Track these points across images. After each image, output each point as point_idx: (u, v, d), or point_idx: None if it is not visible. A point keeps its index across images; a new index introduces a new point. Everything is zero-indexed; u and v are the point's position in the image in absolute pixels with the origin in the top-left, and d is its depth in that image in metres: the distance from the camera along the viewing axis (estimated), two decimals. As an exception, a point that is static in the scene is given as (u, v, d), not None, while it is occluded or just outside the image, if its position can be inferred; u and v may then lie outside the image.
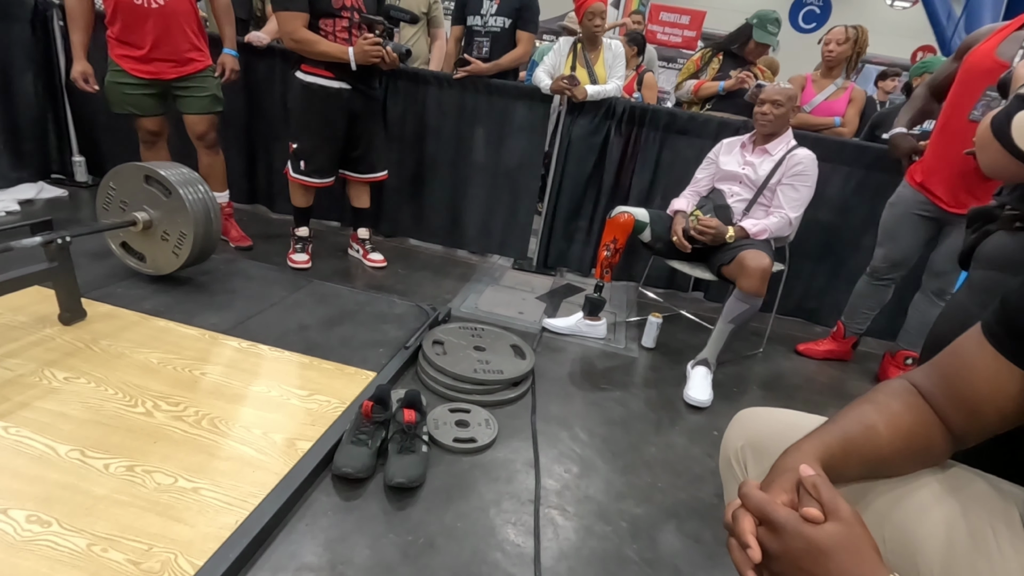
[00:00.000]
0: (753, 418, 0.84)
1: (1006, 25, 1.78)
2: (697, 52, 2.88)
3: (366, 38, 2.16)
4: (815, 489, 0.56)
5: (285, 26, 2.14)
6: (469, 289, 2.58)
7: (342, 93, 2.28)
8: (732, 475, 0.84)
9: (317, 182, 2.40)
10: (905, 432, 0.66)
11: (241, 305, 1.99)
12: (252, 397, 1.50)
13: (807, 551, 0.52)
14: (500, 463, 1.46)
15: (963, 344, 0.68)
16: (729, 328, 1.92)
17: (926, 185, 1.96)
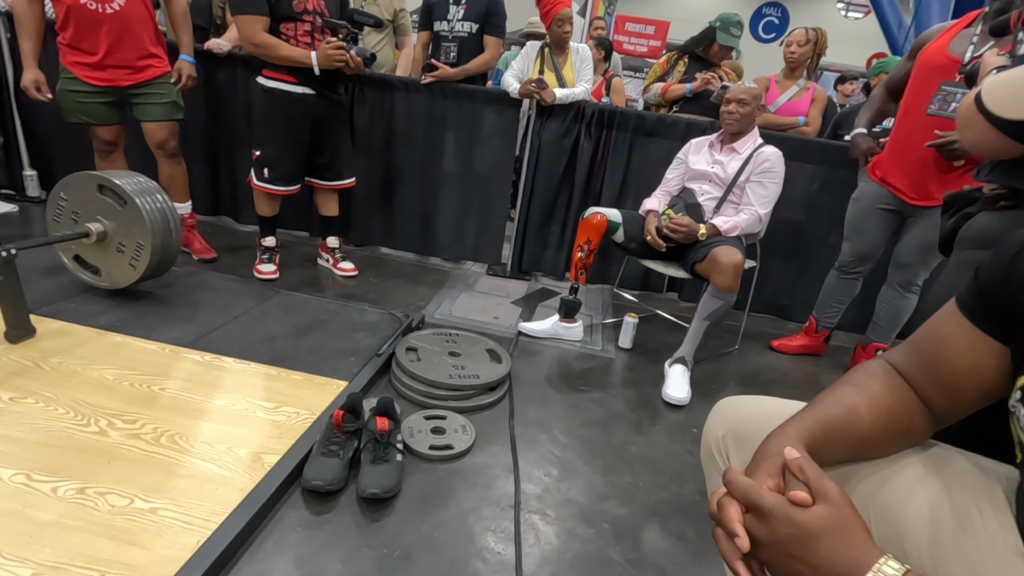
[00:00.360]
0: (733, 407, 0.82)
1: (955, 23, 1.84)
2: (663, 56, 2.92)
3: (329, 42, 2.12)
4: (801, 471, 0.54)
5: (244, 30, 2.09)
6: (443, 296, 2.53)
7: (306, 98, 2.23)
8: (714, 466, 0.82)
9: (282, 190, 2.34)
10: (886, 412, 0.65)
11: (204, 318, 1.91)
12: (215, 411, 1.42)
13: (796, 536, 0.50)
14: (478, 469, 1.41)
15: (939, 320, 0.67)
16: (704, 325, 1.92)
17: (887, 179, 2.00)
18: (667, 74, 2.87)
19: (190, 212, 2.52)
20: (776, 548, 0.51)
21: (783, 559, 0.50)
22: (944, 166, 1.82)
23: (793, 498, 0.51)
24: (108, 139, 2.32)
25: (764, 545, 0.51)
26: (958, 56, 1.75)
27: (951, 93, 1.77)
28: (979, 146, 0.86)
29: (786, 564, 0.50)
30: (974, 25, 1.77)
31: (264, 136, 2.27)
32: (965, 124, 0.88)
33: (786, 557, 0.50)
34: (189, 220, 2.53)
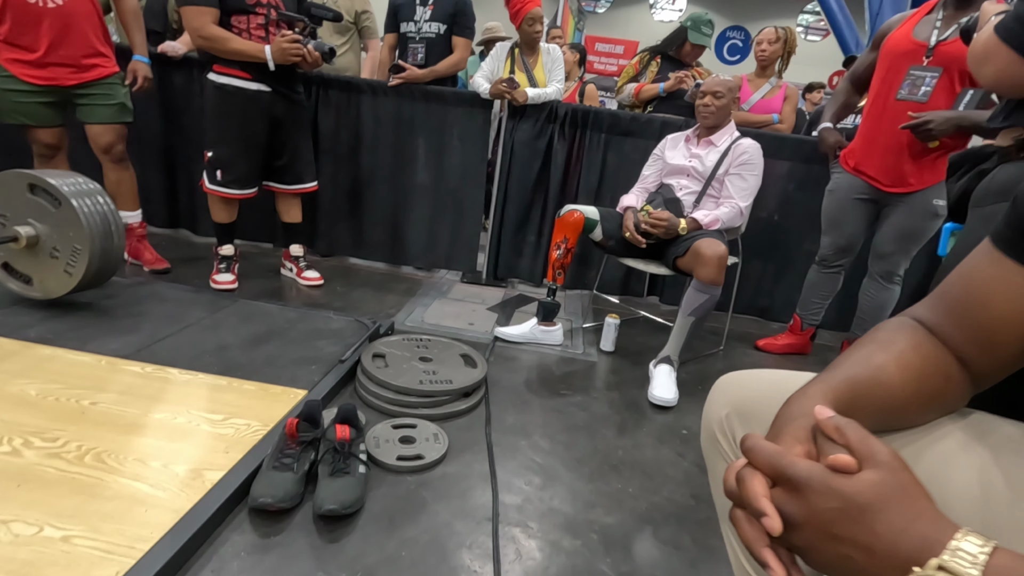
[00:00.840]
0: (737, 382, 0.71)
1: (916, 11, 1.86)
2: (635, 57, 2.89)
3: (284, 35, 2.01)
4: (839, 432, 0.43)
5: (192, 22, 1.96)
6: (415, 303, 2.40)
7: (261, 96, 2.11)
8: (717, 452, 0.71)
9: (236, 193, 2.19)
10: (917, 372, 0.55)
11: (149, 328, 1.74)
12: (152, 426, 1.26)
13: (843, 511, 0.38)
14: (451, 479, 1.28)
15: (971, 264, 0.58)
16: (690, 321, 1.83)
17: (860, 168, 1.97)
18: (640, 74, 2.84)
19: (140, 221, 2.36)
20: (815, 529, 0.39)
21: (825, 543, 0.39)
22: (918, 149, 1.80)
23: (834, 463, 0.40)
24: (49, 142, 2.16)
25: (799, 526, 0.40)
26: (923, 40, 1.76)
27: (920, 77, 1.76)
28: (1002, 80, 0.80)
29: (829, 549, 0.39)
30: (935, 12, 1.79)
31: (216, 136, 2.13)
32: (984, 59, 0.81)
33: (829, 540, 0.39)
34: (139, 229, 2.36)
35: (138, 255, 2.36)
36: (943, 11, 1.76)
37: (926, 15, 1.81)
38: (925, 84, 1.76)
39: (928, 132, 1.69)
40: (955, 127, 1.66)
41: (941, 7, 1.78)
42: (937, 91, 1.74)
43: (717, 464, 0.72)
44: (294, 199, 2.41)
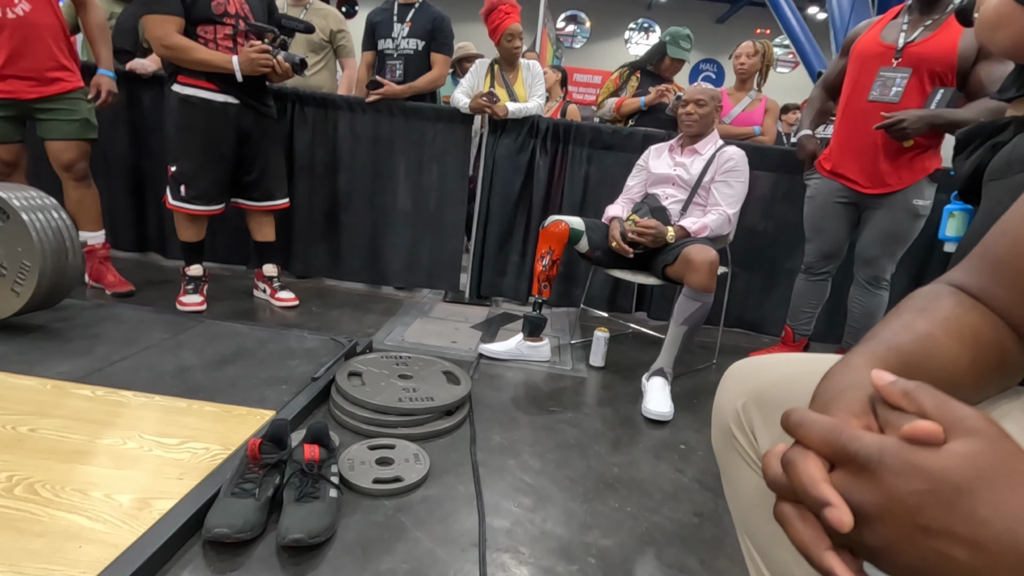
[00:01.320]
0: (751, 368, 0.63)
1: (882, 17, 1.92)
2: (615, 72, 2.89)
3: (252, 45, 1.95)
4: (908, 397, 0.33)
5: (154, 31, 1.89)
6: (395, 323, 2.30)
7: (228, 108, 2.03)
8: (732, 448, 0.62)
9: (201, 209, 2.09)
10: (971, 341, 0.47)
11: (104, 350, 1.61)
12: (97, 452, 1.13)
13: (933, 494, 0.29)
14: (433, 503, 1.16)
15: (1015, 216, 0.51)
16: (683, 330, 1.75)
17: (838, 171, 1.96)
18: (620, 89, 2.83)
19: (103, 242, 2.23)
20: (896, 522, 0.29)
21: (910, 539, 0.29)
22: (894, 148, 1.80)
23: (914, 433, 0.30)
24: (6, 159, 2.05)
25: (873, 519, 0.30)
26: (891, 43, 1.80)
27: (890, 78, 1.79)
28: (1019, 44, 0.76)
29: (917, 547, 0.29)
30: (901, 16, 1.83)
31: (180, 149, 2.04)
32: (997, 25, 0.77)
33: (916, 535, 0.29)
34: (102, 251, 2.23)
35: (100, 278, 2.23)
36: (908, 15, 1.81)
37: (892, 19, 1.86)
38: (896, 85, 1.78)
39: (902, 131, 1.69)
40: (928, 125, 1.66)
41: (907, 11, 1.83)
42: (908, 91, 1.75)
43: (733, 464, 0.63)
44: (266, 217, 2.31)
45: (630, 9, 12.57)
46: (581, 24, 13.30)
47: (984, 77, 1.64)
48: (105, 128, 2.51)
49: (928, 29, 1.74)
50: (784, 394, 0.57)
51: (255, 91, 2.09)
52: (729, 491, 0.67)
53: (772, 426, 0.57)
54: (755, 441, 0.59)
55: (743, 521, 0.65)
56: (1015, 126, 0.81)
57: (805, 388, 0.57)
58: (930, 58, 1.71)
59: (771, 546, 0.61)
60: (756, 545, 0.63)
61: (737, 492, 0.65)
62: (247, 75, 1.98)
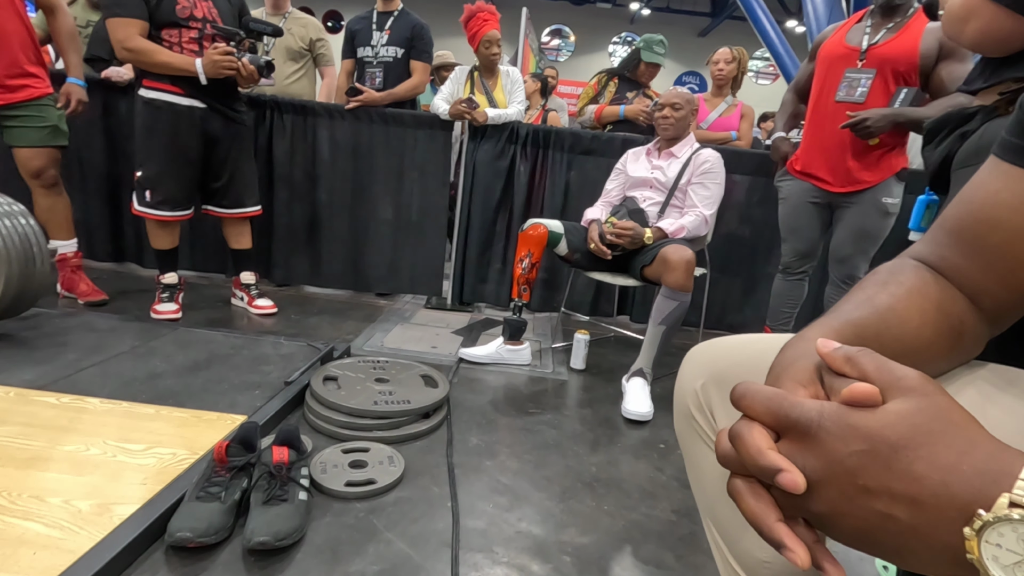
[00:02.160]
0: (712, 349, 0.62)
1: (847, 21, 1.98)
2: (593, 77, 2.92)
3: (216, 47, 1.93)
4: (851, 362, 0.33)
5: (116, 33, 1.88)
6: (374, 329, 2.28)
7: (194, 112, 2.01)
8: (693, 431, 0.61)
9: (168, 215, 2.06)
10: (932, 315, 0.46)
11: (72, 358, 1.57)
12: (58, 459, 1.10)
13: (871, 454, 0.28)
14: (407, 505, 1.14)
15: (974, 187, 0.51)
16: (661, 330, 1.76)
17: (808, 171, 2.00)
18: (599, 95, 2.86)
19: (75, 251, 2.20)
20: (838, 485, 0.29)
21: (853, 502, 0.29)
22: (860, 147, 1.84)
23: (851, 396, 0.30)
24: (-27, 167, 2.02)
25: (817, 485, 0.30)
26: (856, 46, 1.85)
27: (855, 79, 1.84)
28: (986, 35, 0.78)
29: (860, 509, 0.29)
30: (864, 20, 1.89)
31: (145, 154, 2.01)
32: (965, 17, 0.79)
33: (858, 497, 0.29)
34: (74, 259, 2.19)
35: (72, 287, 2.19)
36: (871, 19, 1.87)
37: (856, 23, 1.91)
38: (861, 85, 1.83)
39: (867, 129, 1.73)
40: (891, 123, 1.71)
41: (870, 15, 1.89)
42: (873, 91, 1.80)
43: (695, 447, 0.63)
44: (242, 224, 2.29)
45: (613, 23, 12.80)
46: (566, 38, 13.50)
47: (945, 76, 1.69)
48: (81, 137, 2.49)
49: (890, 31, 1.79)
50: (743, 373, 0.57)
51: (223, 95, 2.07)
52: (692, 476, 0.66)
53: (730, 406, 0.57)
54: (714, 422, 0.58)
55: (706, 505, 0.64)
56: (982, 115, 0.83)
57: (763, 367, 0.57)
58: (893, 59, 1.76)
59: (734, 529, 0.60)
60: (720, 529, 0.62)
61: (699, 476, 0.64)
62: (213, 78, 1.96)
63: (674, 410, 0.65)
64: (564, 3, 12.78)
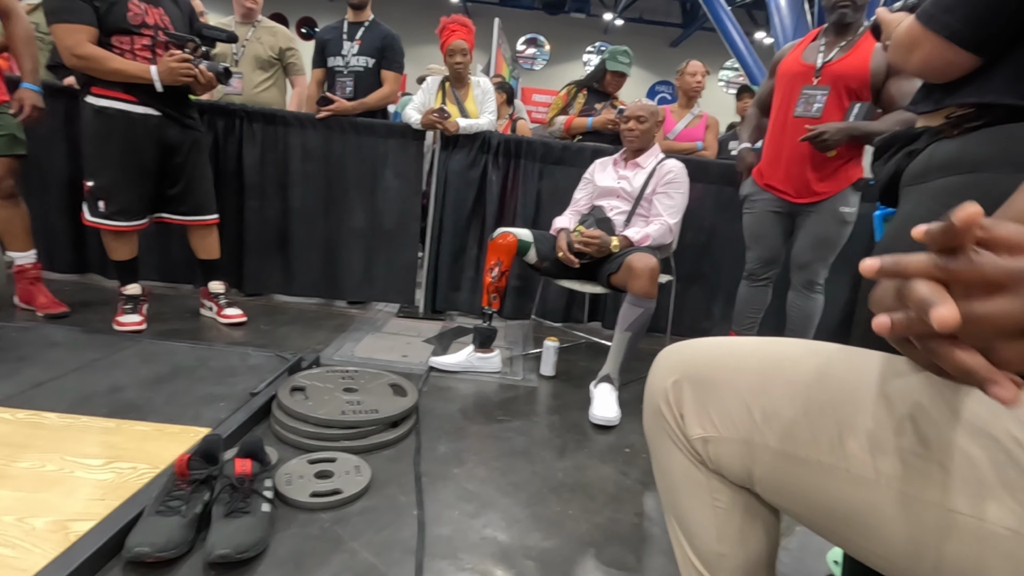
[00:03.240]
0: (683, 349, 0.64)
1: (802, 40, 2.07)
2: (563, 89, 2.97)
3: (172, 55, 1.91)
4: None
5: (64, 40, 1.83)
6: (345, 338, 2.27)
7: (149, 120, 1.98)
8: (661, 428, 0.63)
9: (123, 225, 2.02)
10: None
11: (29, 373, 1.54)
12: (12, 476, 1.08)
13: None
14: (373, 514, 1.14)
15: None
16: (627, 336, 1.79)
17: (769, 183, 2.07)
18: (568, 106, 2.91)
19: (33, 262, 2.14)
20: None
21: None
22: (819, 159, 1.92)
23: None
24: (-74, 177, 1.96)
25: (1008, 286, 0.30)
26: (811, 63, 1.93)
27: (812, 95, 1.92)
28: (929, 64, 0.84)
29: None
30: (818, 38, 1.98)
31: (97, 163, 1.97)
32: (910, 47, 0.85)
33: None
34: (32, 271, 2.14)
35: (31, 299, 2.13)
36: (824, 37, 1.96)
37: (811, 42, 2.00)
38: (817, 101, 1.91)
39: (824, 142, 1.81)
40: (847, 136, 1.79)
41: (823, 34, 1.97)
42: (828, 107, 1.88)
43: (661, 443, 0.64)
44: (208, 232, 2.26)
45: (588, 33, 12.99)
46: (541, 47, 13.64)
47: (895, 92, 1.77)
48: (42, 145, 2.43)
49: (842, 50, 1.88)
50: (716, 372, 0.59)
51: (177, 103, 2.04)
52: (657, 472, 0.68)
53: (700, 403, 0.59)
54: (681, 420, 0.60)
55: (670, 500, 0.66)
56: (928, 135, 0.88)
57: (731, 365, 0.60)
58: (845, 76, 1.84)
59: (694, 523, 0.63)
60: (681, 524, 0.65)
61: (664, 472, 0.66)
62: (168, 85, 1.94)
63: (644, 407, 0.66)
64: (539, 13, 12.92)
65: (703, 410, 0.59)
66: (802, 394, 0.54)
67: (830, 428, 0.52)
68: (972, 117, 0.83)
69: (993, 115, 0.83)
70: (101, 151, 1.96)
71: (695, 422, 0.59)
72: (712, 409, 0.58)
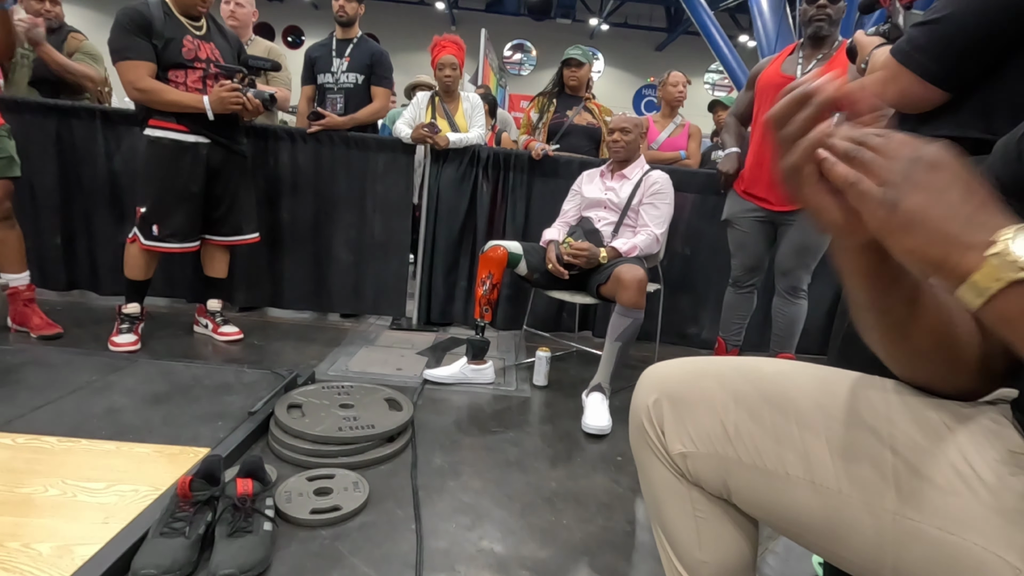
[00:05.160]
0: (664, 368, 0.69)
1: (780, 53, 2.15)
2: (531, 102, 2.93)
3: (222, 85, 2.00)
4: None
5: (126, 75, 1.94)
6: (339, 353, 2.29)
7: (199, 147, 2.07)
8: (644, 443, 0.68)
9: (177, 247, 2.10)
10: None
11: (26, 396, 1.55)
12: (15, 502, 1.10)
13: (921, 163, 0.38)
14: (371, 529, 1.17)
15: None
16: (617, 346, 1.84)
17: (750, 191, 2.13)
18: (540, 118, 2.85)
19: (27, 284, 2.15)
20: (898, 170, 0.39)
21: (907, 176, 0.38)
22: None
23: None
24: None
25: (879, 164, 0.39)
26: (791, 75, 2.01)
27: None
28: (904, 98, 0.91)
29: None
30: (796, 52, 2.06)
31: (151, 190, 2.06)
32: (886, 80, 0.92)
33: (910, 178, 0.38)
34: (26, 292, 2.15)
35: (24, 321, 2.14)
36: (802, 51, 2.03)
37: (789, 55, 2.06)
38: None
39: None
40: None
41: (800, 48, 2.05)
42: None
43: (646, 457, 0.69)
44: (223, 253, 2.31)
45: (574, 38, 13.03)
46: (528, 52, 13.74)
47: None
48: (33, 163, 2.44)
49: (820, 62, 1.94)
50: (692, 392, 0.64)
51: (227, 129, 2.13)
52: (643, 484, 0.72)
53: (679, 420, 0.63)
54: (663, 436, 0.65)
55: (655, 511, 0.70)
56: None
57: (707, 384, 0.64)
58: None
59: (678, 531, 0.67)
60: (665, 533, 0.69)
61: (649, 484, 0.70)
62: (219, 114, 2.03)
63: (629, 423, 0.71)
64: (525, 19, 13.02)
65: (682, 427, 0.63)
66: (771, 411, 0.58)
67: (796, 443, 0.56)
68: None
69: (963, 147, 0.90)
70: (155, 178, 2.05)
71: (675, 438, 0.64)
72: (690, 426, 0.63)
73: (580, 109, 2.79)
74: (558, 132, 2.75)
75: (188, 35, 2.02)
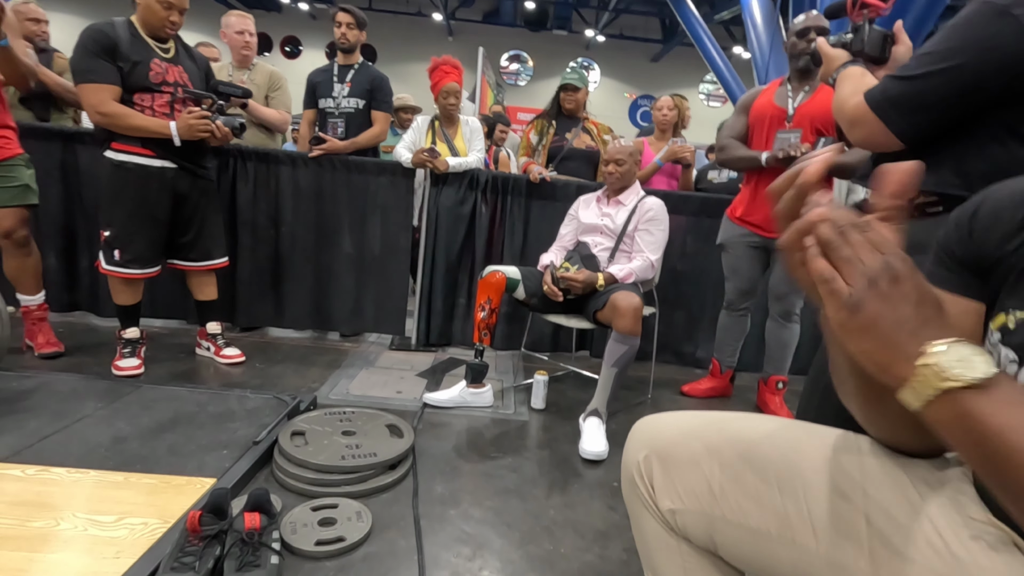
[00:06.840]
0: (653, 424, 0.74)
1: (770, 84, 2.20)
2: (528, 125, 2.96)
3: (191, 111, 2.00)
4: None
5: (89, 98, 1.91)
6: (340, 375, 2.33)
7: (165, 172, 2.06)
8: (636, 496, 0.72)
9: (137, 273, 2.08)
10: None
11: (34, 426, 1.58)
12: (27, 537, 1.13)
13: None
14: (375, 560, 1.21)
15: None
16: (613, 372, 1.88)
17: (745, 219, 2.18)
18: (540, 140, 2.88)
19: (42, 302, 2.19)
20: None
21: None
22: None
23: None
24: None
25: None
26: (783, 107, 2.07)
27: (785, 138, 2.05)
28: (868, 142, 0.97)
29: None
30: (784, 85, 2.13)
31: (114, 214, 2.04)
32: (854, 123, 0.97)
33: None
34: (37, 312, 2.19)
35: (31, 337, 2.19)
36: (790, 83, 2.10)
37: (779, 87, 2.13)
38: (792, 142, 2.03)
39: None
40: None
41: (788, 81, 2.12)
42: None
43: (638, 509, 0.73)
44: (207, 276, 2.32)
45: (570, 49, 13.22)
46: (524, 63, 13.86)
47: None
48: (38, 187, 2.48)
49: (807, 94, 2.02)
50: (678, 451, 0.68)
51: (193, 155, 2.12)
52: (636, 533, 0.76)
53: (667, 477, 0.68)
54: (652, 491, 0.69)
55: (646, 559, 0.74)
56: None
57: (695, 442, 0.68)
58: (812, 116, 1.98)
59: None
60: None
61: (640, 533, 0.74)
62: (185, 140, 2.02)
63: (621, 477, 0.75)
64: (521, 30, 13.15)
65: (670, 484, 0.67)
66: (754, 478, 0.63)
67: (778, 507, 0.60)
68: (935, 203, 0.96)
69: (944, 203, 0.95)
70: (118, 202, 2.03)
71: (664, 495, 0.68)
72: (678, 483, 0.67)
73: (579, 131, 2.83)
74: (557, 156, 2.80)
75: (156, 58, 1.99)
